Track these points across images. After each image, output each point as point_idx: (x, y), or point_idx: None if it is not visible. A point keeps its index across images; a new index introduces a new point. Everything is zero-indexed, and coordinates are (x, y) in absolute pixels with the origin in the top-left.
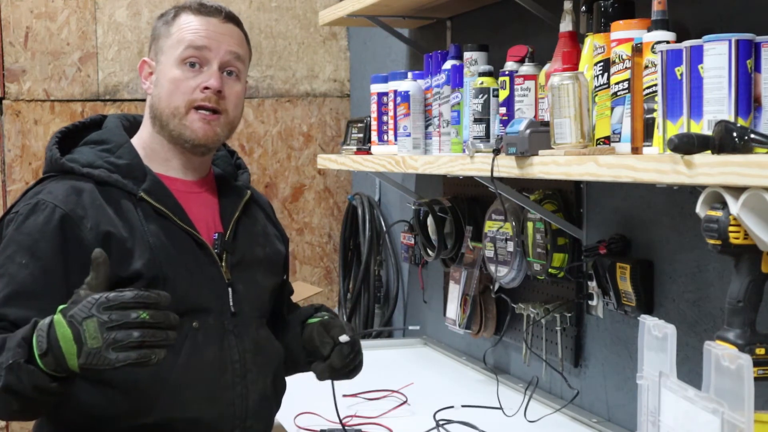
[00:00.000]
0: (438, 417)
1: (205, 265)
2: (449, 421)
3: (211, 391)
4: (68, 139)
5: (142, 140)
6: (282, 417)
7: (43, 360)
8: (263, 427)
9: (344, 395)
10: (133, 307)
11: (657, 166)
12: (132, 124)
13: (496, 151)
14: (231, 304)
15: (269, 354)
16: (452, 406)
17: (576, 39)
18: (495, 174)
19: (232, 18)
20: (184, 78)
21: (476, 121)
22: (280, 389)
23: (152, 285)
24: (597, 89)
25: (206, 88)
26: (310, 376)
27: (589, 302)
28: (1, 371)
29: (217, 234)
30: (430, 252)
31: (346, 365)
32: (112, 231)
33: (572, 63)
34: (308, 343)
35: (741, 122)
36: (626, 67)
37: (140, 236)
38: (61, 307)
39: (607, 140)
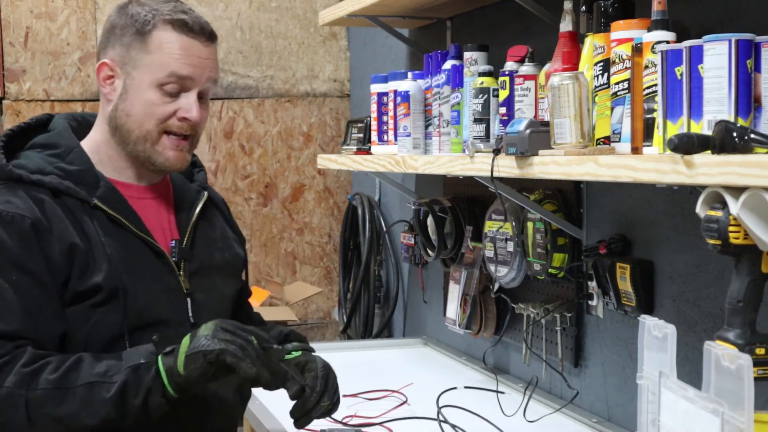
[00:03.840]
0: (438, 416)
1: (163, 274)
2: (449, 423)
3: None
4: (14, 141)
5: (95, 144)
6: (282, 417)
7: (164, 359)
8: None
9: (344, 395)
10: (243, 331)
11: (657, 166)
12: (80, 125)
13: (496, 151)
14: (190, 314)
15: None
16: (455, 387)
17: (576, 39)
18: (495, 174)
19: (212, 37)
20: (161, 103)
21: (476, 121)
22: (246, 397)
23: (112, 297)
24: (597, 89)
25: (184, 118)
26: None
27: (589, 302)
28: (124, 370)
29: (174, 241)
30: (430, 252)
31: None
32: (75, 242)
33: (572, 63)
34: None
35: (741, 122)
36: (626, 67)
37: (97, 248)
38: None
39: (607, 140)
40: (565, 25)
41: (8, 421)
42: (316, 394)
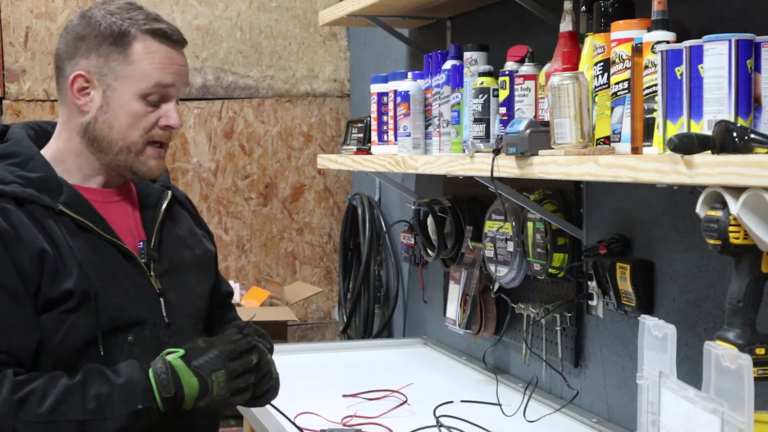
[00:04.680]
0: (438, 414)
1: (134, 276)
2: (449, 417)
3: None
4: None
5: (57, 153)
6: (282, 417)
7: (164, 403)
8: None
9: (344, 395)
10: (247, 352)
11: (657, 166)
12: (37, 134)
13: (496, 151)
14: (164, 314)
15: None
16: (452, 401)
17: (576, 39)
18: (495, 174)
19: (185, 43)
20: (144, 113)
21: (476, 121)
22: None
23: (83, 302)
24: (597, 89)
25: (167, 126)
26: (310, 376)
27: (589, 302)
28: (120, 414)
29: (141, 242)
30: (430, 252)
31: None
32: (44, 248)
33: (572, 63)
34: None
35: (741, 122)
36: (626, 67)
37: (66, 253)
38: (178, 352)
39: (607, 140)
40: (565, 25)
41: None
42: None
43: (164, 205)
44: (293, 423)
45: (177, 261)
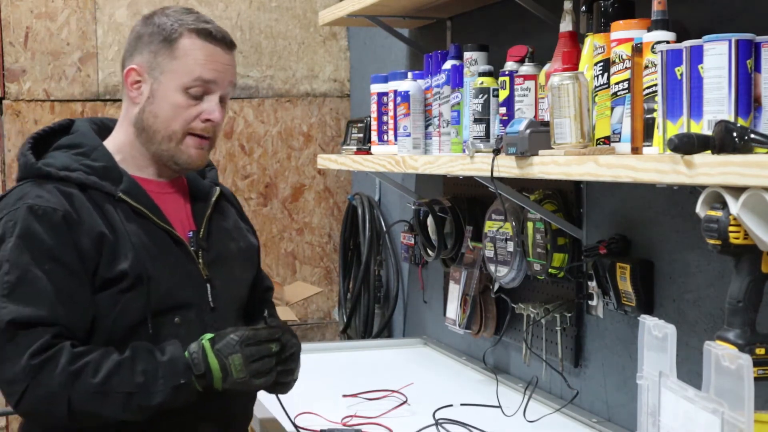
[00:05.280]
0: (437, 417)
1: (184, 262)
2: (449, 421)
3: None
4: (39, 144)
5: (117, 144)
6: (282, 417)
7: (198, 381)
8: (242, 416)
9: (344, 395)
10: (266, 341)
11: (657, 166)
12: (100, 128)
13: (496, 151)
14: (210, 299)
15: None
16: (451, 405)
17: (576, 39)
18: (495, 174)
19: (232, 46)
20: (186, 106)
21: (476, 121)
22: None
23: (137, 283)
24: (597, 89)
25: (208, 120)
26: (310, 376)
27: (589, 302)
28: (164, 388)
29: (191, 232)
30: (430, 252)
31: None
32: (103, 232)
33: (572, 63)
34: None
35: (741, 122)
36: (626, 67)
37: (123, 237)
38: (207, 336)
39: (607, 140)
40: (565, 25)
41: (50, 414)
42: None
43: (213, 200)
44: (293, 423)
45: (223, 251)
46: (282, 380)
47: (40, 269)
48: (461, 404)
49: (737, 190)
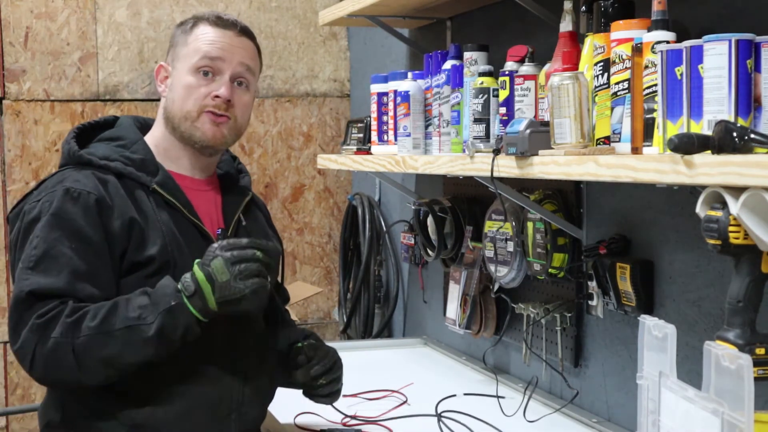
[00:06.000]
0: (439, 410)
1: None
2: (449, 418)
3: (215, 372)
4: (82, 136)
5: (155, 139)
6: (282, 417)
7: (191, 301)
8: (257, 414)
9: (344, 395)
10: (248, 247)
11: (657, 166)
12: (143, 126)
13: (496, 151)
14: None
15: (267, 345)
16: (455, 395)
17: (576, 39)
18: (495, 174)
19: (246, 32)
20: (197, 85)
21: (476, 121)
22: (275, 381)
23: (163, 270)
24: (597, 89)
25: (217, 96)
26: None
27: (589, 302)
28: (155, 316)
29: (220, 229)
30: (430, 252)
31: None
32: (135, 218)
33: (572, 63)
34: (291, 362)
35: (741, 122)
36: (626, 67)
37: (153, 223)
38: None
39: (607, 140)
40: (565, 25)
41: (60, 368)
42: (318, 366)
43: (243, 203)
44: (293, 423)
45: None
46: (330, 390)
47: (67, 247)
48: (464, 393)
49: (737, 190)
